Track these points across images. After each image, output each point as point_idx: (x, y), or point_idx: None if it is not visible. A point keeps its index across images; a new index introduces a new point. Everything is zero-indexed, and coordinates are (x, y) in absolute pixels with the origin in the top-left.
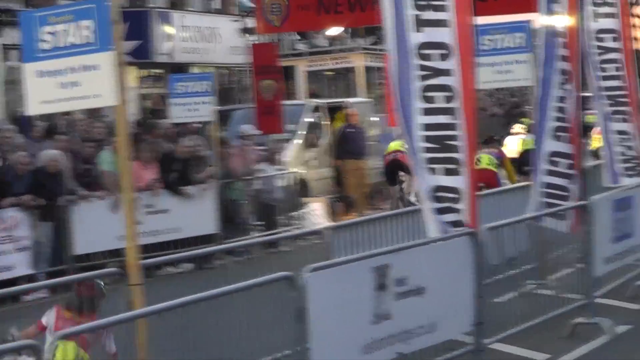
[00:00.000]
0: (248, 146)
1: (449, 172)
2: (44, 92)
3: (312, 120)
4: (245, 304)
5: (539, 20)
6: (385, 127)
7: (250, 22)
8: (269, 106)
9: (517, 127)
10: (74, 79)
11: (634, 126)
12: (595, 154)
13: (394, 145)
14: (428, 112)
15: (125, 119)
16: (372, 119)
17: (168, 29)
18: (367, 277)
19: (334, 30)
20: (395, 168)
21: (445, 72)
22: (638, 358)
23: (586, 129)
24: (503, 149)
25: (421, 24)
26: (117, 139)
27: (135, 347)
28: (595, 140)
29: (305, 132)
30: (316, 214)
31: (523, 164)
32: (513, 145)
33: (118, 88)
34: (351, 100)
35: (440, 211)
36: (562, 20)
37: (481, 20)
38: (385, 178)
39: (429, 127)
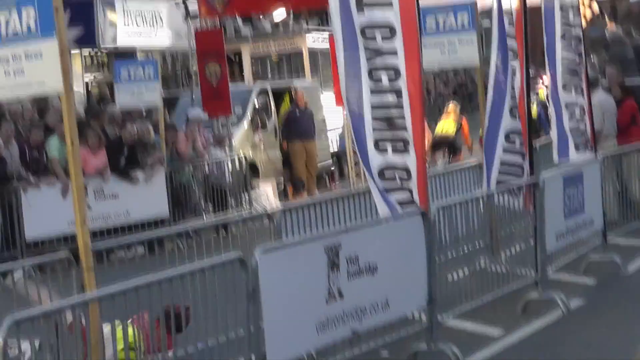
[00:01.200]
0: (196, 130)
1: (398, 151)
2: None
3: (259, 103)
4: (198, 286)
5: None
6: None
7: (194, 7)
8: (215, 90)
9: None
10: (18, 67)
11: (586, 101)
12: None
13: None
14: (375, 91)
15: (70, 105)
16: (318, 101)
17: (111, 15)
18: (318, 257)
19: (278, 14)
20: None
21: (389, 53)
22: (591, 332)
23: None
24: None
25: (365, 4)
26: (64, 125)
27: (88, 332)
28: None
29: (252, 115)
30: (266, 196)
31: None
32: None
33: (62, 75)
34: (297, 82)
35: (390, 190)
36: None
37: (425, 1)
38: None
39: (376, 106)
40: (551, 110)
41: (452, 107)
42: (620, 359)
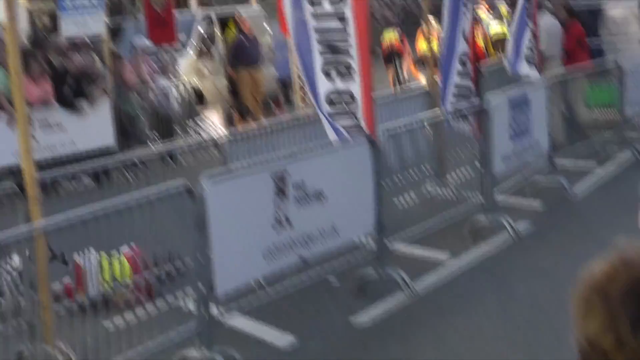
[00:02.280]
0: (141, 59)
1: (343, 77)
2: None
3: (204, 30)
4: (146, 216)
5: None
6: (279, 35)
7: None
8: (160, 18)
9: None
10: None
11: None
12: None
13: (388, 36)
14: (317, 16)
15: (14, 36)
16: (264, 27)
17: None
18: (266, 184)
19: None
20: (392, 53)
21: None
22: (538, 255)
23: None
24: None
25: None
26: (7, 56)
27: (35, 264)
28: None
29: (198, 43)
30: (212, 124)
31: None
32: None
33: (5, 5)
34: (243, 9)
35: (337, 116)
36: None
37: None
38: (384, 61)
39: (319, 30)
40: (513, 26)
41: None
42: (568, 280)
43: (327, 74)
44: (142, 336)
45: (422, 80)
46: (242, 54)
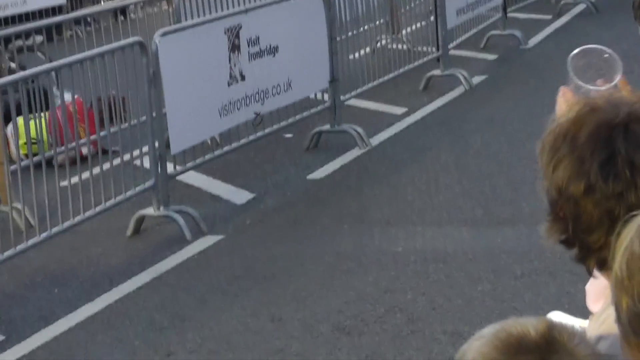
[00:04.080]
0: None
1: None
2: None
3: None
4: (98, 72)
5: None
6: None
7: None
8: None
9: None
10: None
11: None
12: None
13: None
14: None
15: None
16: None
17: None
18: (219, 39)
19: None
20: None
21: None
22: (493, 107)
23: None
24: None
25: None
26: None
27: None
28: None
29: None
30: None
31: None
32: None
33: None
34: None
35: None
36: None
37: None
38: None
39: None
40: None
41: None
42: (523, 131)
43: None
44: (99, 195)
45: None
46: None
